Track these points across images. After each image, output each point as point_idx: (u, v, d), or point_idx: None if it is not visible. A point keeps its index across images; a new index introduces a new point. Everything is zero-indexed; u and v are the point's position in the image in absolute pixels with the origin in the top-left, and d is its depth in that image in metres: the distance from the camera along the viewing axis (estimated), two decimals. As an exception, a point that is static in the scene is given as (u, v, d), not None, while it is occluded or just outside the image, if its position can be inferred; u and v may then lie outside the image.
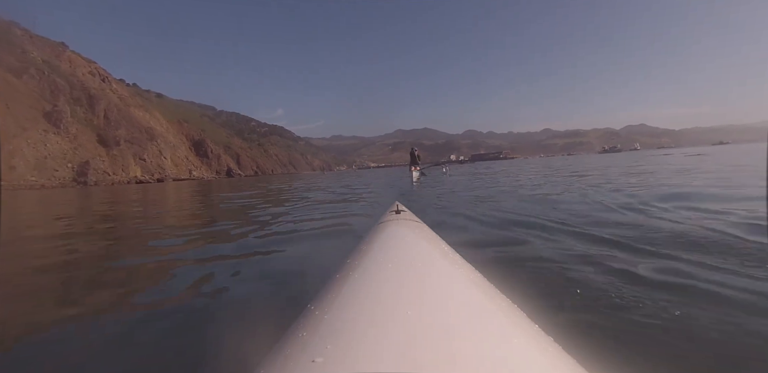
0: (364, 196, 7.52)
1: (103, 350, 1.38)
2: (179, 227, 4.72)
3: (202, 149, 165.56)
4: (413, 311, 0.52)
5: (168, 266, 2.61)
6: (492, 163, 52.52)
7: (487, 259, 2.09)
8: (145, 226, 4.96)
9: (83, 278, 2.49)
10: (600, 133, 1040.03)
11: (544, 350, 0.49)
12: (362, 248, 1.02)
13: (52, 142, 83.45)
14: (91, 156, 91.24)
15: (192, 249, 3.19)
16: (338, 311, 0.56)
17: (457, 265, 0.84)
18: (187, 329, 1.50)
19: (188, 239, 3.62)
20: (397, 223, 1.35)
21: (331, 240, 3.14)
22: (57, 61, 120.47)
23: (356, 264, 0.82)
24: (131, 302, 1.90)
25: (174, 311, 1.72)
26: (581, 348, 0.62)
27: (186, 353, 1.30)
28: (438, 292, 0.63)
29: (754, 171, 7.03)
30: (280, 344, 0.51)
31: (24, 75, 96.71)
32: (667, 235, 2.38)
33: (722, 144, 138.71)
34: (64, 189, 45.39)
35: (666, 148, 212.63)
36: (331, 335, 0.48)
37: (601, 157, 49.16)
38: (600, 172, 10.07)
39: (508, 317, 0.57)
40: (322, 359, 0.42)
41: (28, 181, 66.20)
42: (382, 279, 0.69)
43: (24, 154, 72.93)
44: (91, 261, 3.07)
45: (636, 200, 3.97)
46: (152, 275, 2.49)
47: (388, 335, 0.45)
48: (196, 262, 2.69)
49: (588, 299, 1.47)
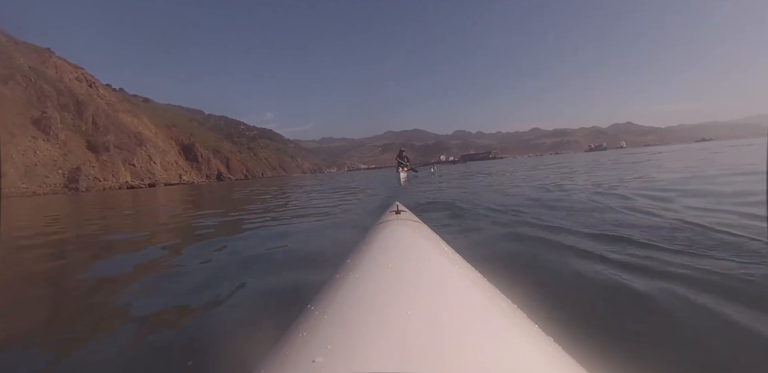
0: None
1: (103, 350, 1.38)
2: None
3: (192, 154, 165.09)
4: (413, 311, 0.52)
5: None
6: (482, 163, 52.91)
7: (487, 259, 2.10)
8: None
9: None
10: (587, 132, 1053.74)
11: (544, 350, 0.49)
12: (362, 248, 1.03)
13: (41, 149, 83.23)
14: (81, 162, 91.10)
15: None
16: (338, 311, 0.57)
17: (457, 265, 0.84)
18: (187, 329, 1.51)
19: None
20: (397, 223, 1.35)
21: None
22: (43, 67, 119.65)
23: (356, 264, 0.83)
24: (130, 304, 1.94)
25: (174, 311, 1.76)
26: (581, 348, 0.62)
27: (186, 353, 1.30)
28: (438, 292, 0.63)
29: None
30: (280, 344, 0.51)
31: (10, 82, 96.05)
32: (669, 233, 2.37)
33: (704, 141, 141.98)
34: (56, 196, 45.25)
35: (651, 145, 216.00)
36: (331, 335, 0.48)
37: (587, 155, 49.62)
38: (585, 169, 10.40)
39: (508, 317, 0.57)
40: (322, 359, 0.42)
41: (19, 188, 66.09)
42: (382, 279, 0.69)
43: (14, 161, 72.63)
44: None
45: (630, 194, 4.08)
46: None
47: (388, 335, 0.45)
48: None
49: (588, 298, 1.49)
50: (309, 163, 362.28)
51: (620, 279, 1.63)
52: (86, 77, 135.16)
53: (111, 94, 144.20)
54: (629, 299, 1.45)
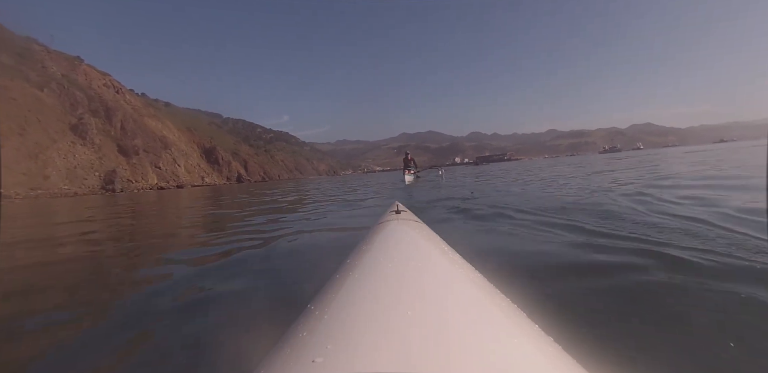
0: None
1: (103, 349, 1.37)
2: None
3: (213, 156, 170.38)
4: (413, 311, 0.52)
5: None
6: (498, 165, 52.24)
7: (488, 259, 2.06)
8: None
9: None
10: (605, 133, 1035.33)
11: (544, 350, 0.49)
12: (362, 247, 1.02)
13: (79, 153, 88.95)
14: (114, 165, 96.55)
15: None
16: (338, 311, 0.57)
17: (457, 265, 0.84)
18: (186, 328, 1.50)
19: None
20: (397, 223, 1.35)
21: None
22: (74, 74, 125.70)
23: (356, 264, 0.82)
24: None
25: (174, 309, 1.75)
26: (581, 348, 0.62)
27: (186, 353, 1.29)
28: (438, 292, 0.63)
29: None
30: (280, 344, 0.51)
31: (45, 89, 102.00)
32: (674, 231, 2.37)
33: (722, 142, 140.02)
34: (95, 196, 49.22)
35: (671, 147, 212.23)
36: (331, 335, 0.48)
37: (600, 156, 49.69)
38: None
39: (508, 317, 0.57)
40: (322, 359, 0.42)
41: (62, 189, 71.42)
42: (382, 279, 0.69)
43: (56, 164, 78.36)
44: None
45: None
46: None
47: (388, 335, 0.46)
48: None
49: (588, 298, 1.48)
50: (324, 166, 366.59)
51: (620, 279, 1.64)
52: (113, 83, 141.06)
53: (136, 99, 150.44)
54: (629, 299, 1.45)
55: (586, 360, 0.51)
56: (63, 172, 78.94)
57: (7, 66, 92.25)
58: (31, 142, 75.12)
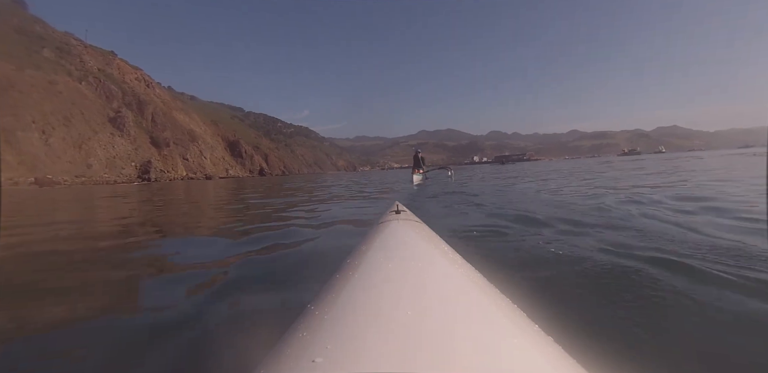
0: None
1: (102, 348, 1.37)
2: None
3: (237, 150, 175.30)
4: (413, 311, 0.52)
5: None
6: (514, 165, 51.82)
7: (489, 258, 2.07)
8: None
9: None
10: (629, 135, 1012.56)
11: (544, 350, 0.49)
12: (362, 247, 1.02)
13: (118, 144, 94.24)
14: (148, 156, 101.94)
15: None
16: (338, 311, 0.57)
17: (457, 265, 0.85)
18: (186, 328, 1.49)
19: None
20: (397, 223, 1.35)
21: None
22: (109, 68, 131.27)
23: (356, 264, 0.83)
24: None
25: (175, 308, 1.74)
26: (581, 348, 0.62)
27: (185, 353, 1.29)
28: (438, 292, 0.63)
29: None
30: (280, 344, 0.51)
31: (83, 82, 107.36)
32: (671, 235, 2.37)
33: (747, 147, 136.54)
34: (131, 185, 51.21)
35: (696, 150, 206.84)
36: (331, 335, 0.48)
37: (618, 159, 49.68)
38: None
39: (508, 317, 0.57)
40: (322, 359, 0.42)
41: (103, 177, 76.83)
42: (382, 279, 0.70)
43: (97, 154, 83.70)
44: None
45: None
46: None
47: (388, 335, 0.46)
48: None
49: (588, 298, 1.48)
50: (343, 161, 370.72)
51: (620, 279, 1.66)
52: (144, 78, 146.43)
53: (164, 92, 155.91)
54: (629, 299, 1.45)
55: (586, 360, 0.52)
56: (103, 162, 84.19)
57: (52, 61, 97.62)
58: (75, 133, 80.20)
